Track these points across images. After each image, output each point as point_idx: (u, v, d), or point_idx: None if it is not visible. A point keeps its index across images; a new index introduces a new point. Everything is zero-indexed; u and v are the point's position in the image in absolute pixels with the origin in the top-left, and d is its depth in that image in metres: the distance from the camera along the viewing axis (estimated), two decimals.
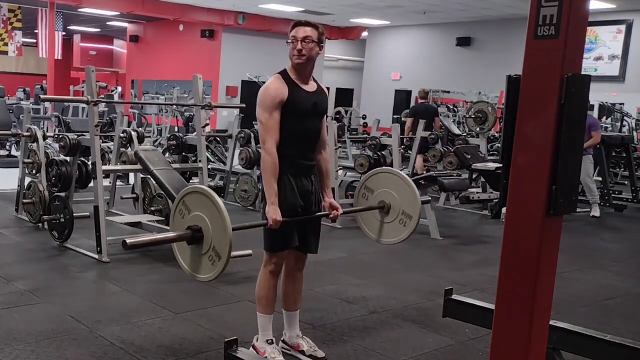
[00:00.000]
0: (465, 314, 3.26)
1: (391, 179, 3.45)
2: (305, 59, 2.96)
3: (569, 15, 1.75)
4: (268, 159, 2.91)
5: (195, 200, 2.69)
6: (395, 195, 3.41)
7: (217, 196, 2.63)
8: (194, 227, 2.63)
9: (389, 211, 3.43)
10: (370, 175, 3.55)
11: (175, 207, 2.75)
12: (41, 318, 3.64)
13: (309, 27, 2.96)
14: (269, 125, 2.92)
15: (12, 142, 11.31)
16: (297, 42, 2.94)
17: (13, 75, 24.80)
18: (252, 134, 8.05)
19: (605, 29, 13.72)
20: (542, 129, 1.81)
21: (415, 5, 14.38)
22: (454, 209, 8.43)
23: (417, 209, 3.34)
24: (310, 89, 3.05)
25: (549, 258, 1.92)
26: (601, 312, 4.42)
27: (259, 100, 2.96)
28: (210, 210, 2.61)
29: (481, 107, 8.59)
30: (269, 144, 2.91)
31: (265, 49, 17.86)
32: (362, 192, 3.54)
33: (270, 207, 2.89)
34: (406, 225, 3.38)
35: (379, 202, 3.45)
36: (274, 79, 2.99)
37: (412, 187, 3.37)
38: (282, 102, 2.94)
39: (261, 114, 2.94)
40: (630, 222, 8.37)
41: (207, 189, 2.71)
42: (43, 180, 5.86)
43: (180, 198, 2.74)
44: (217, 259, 2.56)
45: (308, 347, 3.24)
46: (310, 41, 2.94)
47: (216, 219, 2.57)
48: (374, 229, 3.53)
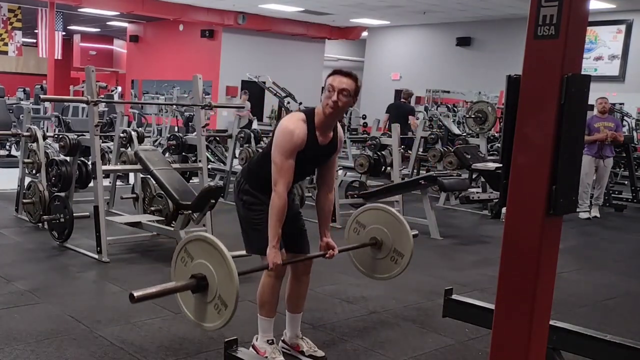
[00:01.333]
0: (465, 314, 3.26)
1: (383, 216, 3.43)
2: (337, 111, 2.92)
3: (569, 15, 1.75)
4: (278, 202, 2.86)
5: (198, 248, 2.65)
6: (387, 232, 3.40)
7: (221, 244, 2.58)
8: (198, 275, 2.60)
9: (381, 247, 3.42)
10: (362, 210, 3.53)
11: (177, 255, 2.72)
12: (41, 318, 3.64)
13: (348, 79, 2.88)
14: (283, 168, 2.86)
15: (12, 142, 11.30)
16: (333, 93, 2.86)
17: (13, 75, 24.79)
18: (252, 134, 8.05)
19: (605, 29, 13.71)
20: (542, 129, 1.82)
21: (415, 5, 14.37)
22: (454, 209, 8.43)
23: (409, 248, 3.34)
24: (326, 141, 2.99)
25: (549, 258, 1.92)
26: (601, 312, 4.42)
27: (280, 141, 2.87)
28: (214, 258, 2.57)
29: (481, 107, 8.59)
30: (280, 188, 2.86)
31: (265, 49, 17.87)
32: (353, 227, 3.52)
33: (272, 251, 2.88)
34: (397, 263, 3.38)
35: (371, 238, 3.43)
36: (299, 122, 2.90)
37: (404, 225, 3.36)
38: (299, 150, 2.90)
39: (277, 157, 2.87)
40: (630, 222, 8.38)
41: (211, 236, 2.66)
42: (43, 180, 5.86)
43: (182, 246, 2.71)
44: (223, 307, 2.52)
45: (308, 348, 3.24)
46: (348, 95, 2.87)
47: (221, 266, 2.53)
48: (366, 264, 3.52)
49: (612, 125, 8.04)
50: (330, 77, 2.90)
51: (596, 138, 7.91)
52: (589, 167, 8.02)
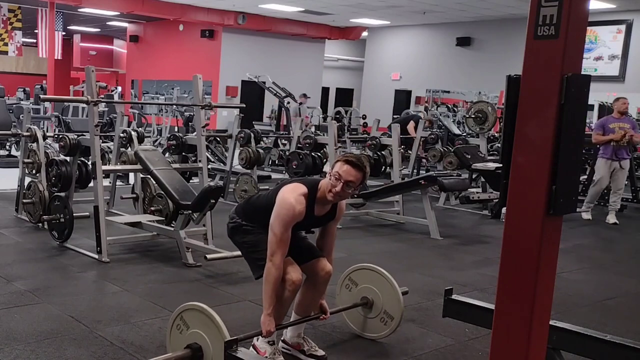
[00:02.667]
0: (465, 314, 3.26)
1: (374, 277, 3.47)
2: (339, 199, 3.00)
3: (569, 15, 1.75)
4: (274, 273, 2.91)
5: (194, 317, 2.66)
6: (378, 293, 3.44)
7: (216, 315, 2.60)
8: (194, 345, 2.60)
9: (372, 307, 3.47)
10: (354, 269, 3.57)
11: (173, 322, 2.73)
12: (41, 318, 3.64)
13: (357, 171, 2.90)
14: (282, 240, 2.91)
15: (12, 142, 11.31)
16: (338, 183, 2.90)
17: (13, 75, 24.80)
18: (252, 134, 8.05)
19: (605, 29, 13.71)
20: (542, 129, 1.81)
21: (415, 5, 14.37)
22: (454, 209, 8.43)
23: (399, 311, 3.37)
24: (320, 213, 3.05)
25: (549, 258, 1.92)
26: (601, 312, 4.42)
27: (281, 213, 2.91)
28: (211, 329, 2.58)
29: (481, 107, 8.59)
30: (277, 259, 2.91)
31: (265, 49, 17.87)
32: (345, 283, 3.57)
33: (266, 318, 2.94)
34: (387, 324, 3.43)
35: (362, 297, 3.48)
36: (301, 198, 2.93)
37: (395, 287, 3.39)
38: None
39: (277, 227, 2.91)
40: (630, 222, 8.37)
41: (206, 307, 2.68)
42: (43, 180, 5.86)
43: (178, 314, 2.72)
44: None
45: (308, 347, 3.24)
46: (352, 186, 2.92)
47: (217, 339, 2.54)
48: (357, 322, 3.57)
49: (628, 126, 7.67)
50: (339, 163, 2.93)
51: (611, 138, 7.59)
52: (605, 170, 7.76)
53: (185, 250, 4.95)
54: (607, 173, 7.79)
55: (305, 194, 2.95)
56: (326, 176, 3.00)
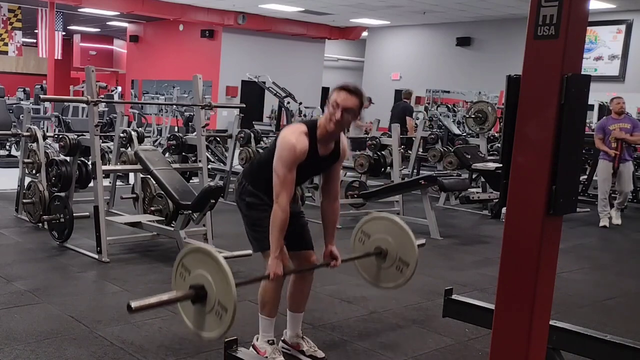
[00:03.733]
0: (465, 314, 3.26)
1: (388, 225, 3.41)
2: (340, 128, 2.93)
3: (569, 15, 1.75)
4: (280, 215, 2.86)
5: (193, 260, 2.66)
6: (391, 241, 3.38)
7: (214, 250, 2.60)
8: (196, 285, 2.62)
9: (386, 257, 3.39)
10: (367, 220, 3.51)
11: (176, 271, 2.73)
12: (41, 318, 3.64)
13: (354, 97, 2.86)
14: (286, 181, 2.87)
15: (12, 142, 11.30)
16: (337, 110, 2.85)
17: (13, 75, 24.80)
18: (252, 134, 8.05)
19: (605, 29, 13.71)
20: (542, 129, 1.82)
21: (415, 5, 14.37)
22: (454, 209, 8.43)
23: (413, 257, 3.31)
24: (325, 153, 3.00)
25: (549, 258, 1.92)
26: (601, 312, 4.42)
27: (282, 154, 2.87)
28: (210, 265, 2.58)
29: (481, 107, 8.59)
30: (283, 200, 2.86)
31: (265, 49, 17.86)
32: (358, 236, 3.51)
33: (274, 261, 2.88)
34: (403, 272, 3.35)
35: (376, 247, 3.41)
36: (301, 136, 2.89)
37: (409, 233, 3.34)
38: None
39: (280, 168, 2.87)
40: (630, 222, 8.37)
41: (204, 245, 2.67)
42: (43, 180, 5.86)
43: (178, 262, 2.72)
44: (223, 312, 2.52)
45: (308, 347, 3.24)
46: (351, 112, 2.87)
47: (217, 272, 2.54)
48: (371, 273, 3.49)
49: (629, 125, 7.52)
50: (336, 92, 2.89)
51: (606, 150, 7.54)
52: (606, 172, 7.65)
53: None
54: (608, 175, 7.69)
55: (306, 132, 2.91)
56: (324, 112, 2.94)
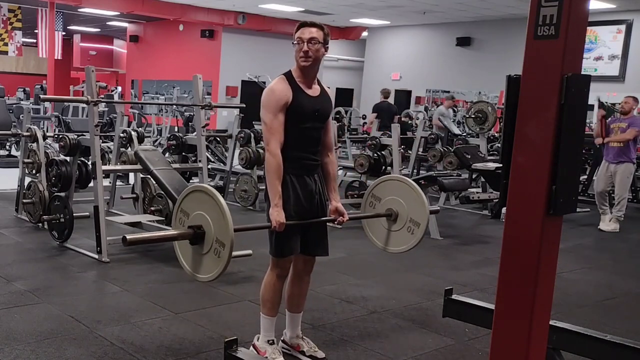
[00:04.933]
0: (465, 314, 3.26)
1: (399, 187, 3.38)
2: (312, 61, 2.96)
3: (569, 15, 1.75)
4: (272, 160, 2.87)
5: (191, 202, 2.66)
6: (403, 202, 3.34)
7: (211, 188, 2.62)
8: (195, 226, 2.62)
9: (397, 219, 3.36)
10: (377, 183, 3.48)
11: (176, 215, 2.73)
12: (41, 318, 3.64)
13: (314, 27, 2.95)
14: (273, 126, 2.89)
15: (12, 142, 11.31)
16: (303, 44, 2.93)
17: (13, 75, 24.80)
18: (252, 134, 8.05)
19: (605, 29, 13.71)
20: (542, 129, 1.81)
21: (415, 5, 14.37)
22: (454, 209, 8.43)
23: (425, 216, 3.27)
24: (314, 94, 3.03)
25: (549, 258, 1.92)
26: (601, 312, 4.42)
27: (264, 101, 2.94)
28: (207, 203, 2.59)
29: (481, 107, 8.59)
30: (272, 146, 2.88)
31: (265, 49, 17.86)
32: (369, 201, 3.48)
33: (274, 210, 2.85)
34: (414, 233, 3.32)
35: (387, 209, 3.38)
36: (278, 80, 2.98)
37: (420, 194, 3.30)
38: (287, 105, 2.92)
39: (265, 115, 2.92)
40: (630, 222, 8.37)
41: (202, 185, 2.68)
42: (43, 180, 5.86)
43: (177, 206, 2.72)
44: (221, 249, 2.54)
45: (308, 348, 3.24)
46: (317, 42, 2.93)
47: (213, 208, 2.55)
48: (381, 237, 3.47)
49: (625, 125, 7.34)
50: (298, 30, 2.97)
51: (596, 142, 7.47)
52: (600, 172, 7.53)
53: None
54: (602, 175, 7.57)
55: (283, 78, 2.99)
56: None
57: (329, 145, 3.16)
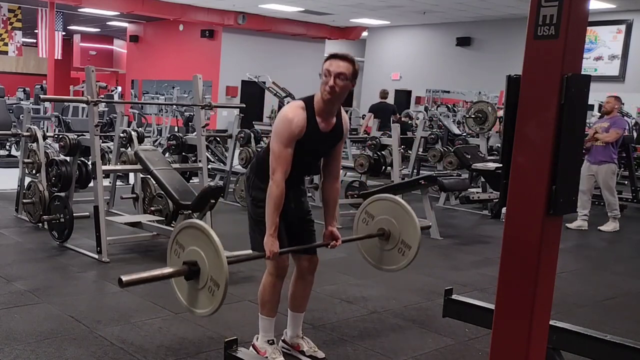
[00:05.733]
0: (465, 314, 3.26)
1: (392, 207, 3.40)
2: (336, 97, 2.86)
3: (569, 15, 1.75)
4: (276, 191, 2.82)
5: (186, 236, 2.67)
6: (395, 223, 3.36)
7: (206, 226, 2.60)
8: (189, 261, 2.61)
9: (389, 238, 3.38)
10: (371, 201, 3.49)
11: (170, 249, 2.74)
12: (41, 318, 3.64)
13: (344, 62, 2.81)
14: (282, 156, 2.82)
15: (12, 142, 11.30)
16: (329, 78, 2.80)
17: (13, 75, 24.81)
18: (252, 134, 8.05)
19: (605, 29, 13.72)
20: (542, 129, 1.82)
21: (415, 5, 14.37)
22: (454, 209, 8.43)
23: (416, 239, 3.29)
24: (327, 128, 2.94)
25: (549, 258, 1.92)
26: (601, 312, 4.42)
27: (278, 128, 2.83)
28: (202, 240, 2.59)
29: (481, 107, 8.59)
30: (278, 176, 2.82)
31: (265, 49, 17.86)
32: (362, 217, 3.50)
33: (269, 239, 2.85)
34: (405, 254, 3.34)
35: (379, 229, 3.39)
36: (297, 109, 2.86)
37: (413, 216, 3.31)
38: (298, 138, 2.86)
39: (276, 144, 2.83)
40: (630, 222, 8.37)
41: (196, 221, 2.67)
42: (43, 180, 5.86)
43: (173, 238, 2.72)
44: (215, 288, 2.53)
45: (308, 348, 3.24)
46: (345, 78, 2.81)
47: (209, 247, 2.55)
48: (373, 255, 3.49)
49: (607, 124, 7.25)
50: (327, 61, 2.85)
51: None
52: (584, 172, 7.23)
53: None
54: (583, 175, 7.17)
55: (302, 106, 2.86)
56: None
57: (335, 173, 3.13)
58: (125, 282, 2.46)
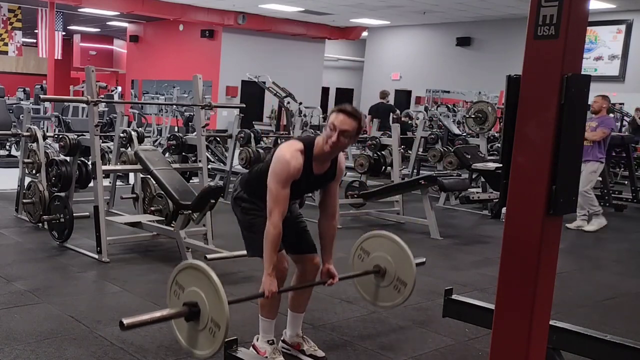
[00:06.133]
0: (465, 314, 3.26)
1: (387, 244, 3.41)
2: (337, 150, 2.92)
3: (569, 15, 1.75)
4: (273, 233, 2.84)
5: (187, 277, 2.67)
6: (390, 260, 3.37)
7: (206, 266, 2.61)
8: (190, 302, 2.62)
9: (384, 275, 3.39)
10: (367, 237, 3.51)
11: (170, 289, 2.74)
12: (41, 318, 3.64)
13: (351, 120, 2.82)
14: (279, 197, 2.85)
15: (12, 142, 11.30)
16: (334, 133, 2.83)
17: (13, 75, 24.81)
18: (252, 134, 8.05)
19: (605, 29, 13.72)
20: (542, 129, 1.82)
21: (415, 5, 14.37)
22: (454, 209, 8.43)
23: (411, 277, 3.30)
24: (321, 171, 2.99)
25: (549, 258, 1.92)
26: (601, 312, 4.42)
27: (276, 169, 2.86)
28: (202, 281, 2.59)
29: (481, 107, 8.59)
30: (275, 218, 2.84)
31: (265, 49, 17.86)
32: (358, 253, 3.51)
33: (267, 278, 2.88)
34: (400, 292, 3.34)
35: (374, 265, 3.40)
36: (296, 153, 2.87)
37: (408, 253, 3.33)
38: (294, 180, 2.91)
39: (273, 184, 2.85)
40: (630, 222, 8.37)
41: (196, 262, 2.69)
42: (43, 180, 5.86)
43: (172, 278, 2.73)
44: (216, 329, 2.53)
45: (308, 347, 3.24)
46: (348, 136, 2.85)
47: (209, 288, 2.55)
48: (369, 291, 3.49)
49: (595, 124, 7.19)
50: (334, 114, 2.86)
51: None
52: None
53: (185, 250, 4.95)
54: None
55: (302, 150, 2.89)
56: (322, 130, 2.93)
57: (332, 211, 3.13)
58: (127, 325, 2.48)
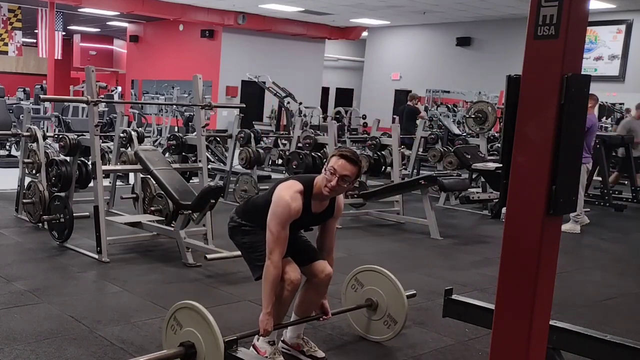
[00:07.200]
0: (465, 314, 3.27)
1: (381, 280, 3.46)
2: (334, 194, 2.97)
3: (569, 15, 1.75)
4: (273, 272, 2.90)
5: (186, 316, 2.67)
6: (383, 295, 3.43)
7: (205, 311, 2.62)
8: (186, 343, 2.62)
9: (376, 310, 3.46)
10: (361, 270, 3.56)
11: (167, 324, 2.74)
12: (41, 318, 3.64)
13: (352, 166, 2.89)
14: (280, 238, 2.90)
15: (12, 142, 11.30)
16: (334, 177, 2.88)
17: (13, 75, 24.80)
18: (252, 134, 8.05)
19: (605, 29, 13.72)
20: (542, 129, 1.82)
21: (415, 5, 14.37)
22: (454, 209, 8.43)
23: (402, 315, 3.36)
24: (319, 210, 3.04)
25: (549, 258, 1.92)
26: (601, 312, 4.42)
27: (277, 211, 2.90)
28: (202, 326, 2.59)
29: (481, 107, 8.59)
30: (275, 257, 2.89)
31: (265, 49, 17.86)
32: (352, 284, 3.57)
33: (264, 317, 2.93)
34: (390, 328, 3.42)
35: (367, 299, 3.47)
36: (296, 195, 2.92)
37: (401, 292, 3.38)
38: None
39: (274, 226, 2.90)
40: (630, 222, 8.37)
41: (196, 304, 2.69)
42: (43, 180, 5.86)
43: (171, 314, 2.72)
44: None
45: (308, 348, 3.24)
46: (348, 181, 2.90)
47: (208, 334, 2.56)
48: (360, 324, 3.55)
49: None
50: (335, 158, 2.91)
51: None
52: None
53: (185, 250, 4.95)
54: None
55: (301, 191, 2.94)
56: (322, 171, 2.97)
57: (328, 248, 3.20)
58: None
